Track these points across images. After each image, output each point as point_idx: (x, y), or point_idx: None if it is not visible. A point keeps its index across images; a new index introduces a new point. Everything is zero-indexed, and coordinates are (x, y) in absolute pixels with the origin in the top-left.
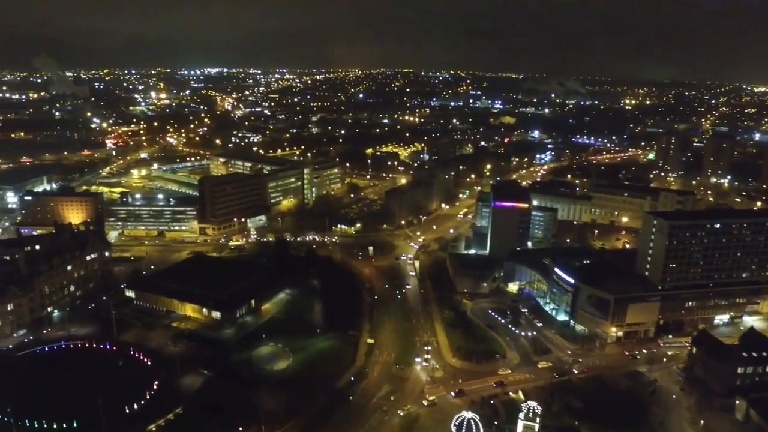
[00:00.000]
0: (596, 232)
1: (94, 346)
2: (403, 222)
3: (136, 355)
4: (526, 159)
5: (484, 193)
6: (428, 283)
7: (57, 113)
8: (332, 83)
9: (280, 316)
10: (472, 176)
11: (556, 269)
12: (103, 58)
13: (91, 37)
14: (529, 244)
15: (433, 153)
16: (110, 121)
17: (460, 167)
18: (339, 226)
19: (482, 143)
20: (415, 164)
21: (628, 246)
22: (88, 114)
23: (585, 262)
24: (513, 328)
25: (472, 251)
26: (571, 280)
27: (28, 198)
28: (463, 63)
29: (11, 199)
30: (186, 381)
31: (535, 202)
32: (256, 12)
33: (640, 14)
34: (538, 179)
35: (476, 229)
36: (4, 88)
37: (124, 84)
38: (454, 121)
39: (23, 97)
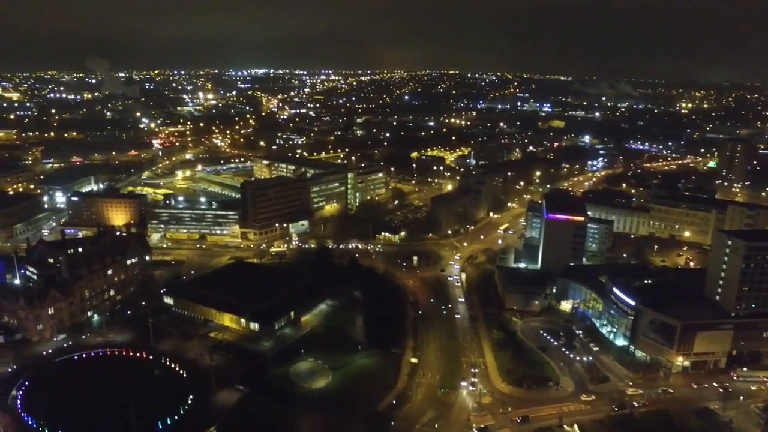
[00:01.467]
0: (656, 247)
1: (131, 354)
2: (449, 231)
3: (172, 366)
4: (577, 166)
5: (535, 203)
6: (475, 298)
7: (108, 113)
8: (377, 84)
9: (320, 329)
10: (521, 183)
11: (614, 289)
12: (155, 58)
13: (143, 39)
14: (583, 258)
15: (479, 158)
16: (158, 122)
17: (508, 173)
18: (383, 233)
19: (530, 148)
20: (461, 169)
21: (692, 264)
22: (138, 114)
23: (646, 281)
24: (567, 352)
25: (522, 265)
26: (632, 302)
27: (75, 198)
28: (510, 64)
29: (60, 199)
30: (221, 397)
31: (588, 213)
32: (303, 13)
33: (693, 12)
34: (591, 187)
35: (526, 241)
36: (62, 88)
37: (173, 84)
38: (501, 124)
39: (78, 97)
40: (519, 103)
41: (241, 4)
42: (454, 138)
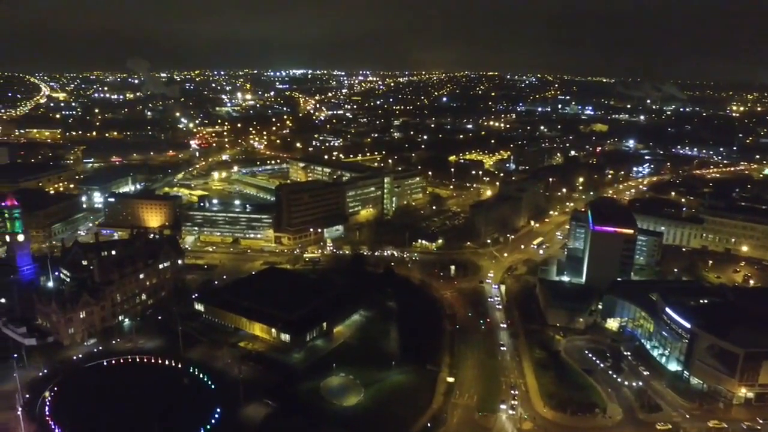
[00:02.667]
0: (710, 262)
1: (160, 361)
2: (488, 240)
3: (201, 376)
4: (621, 172)
5: (579, 212)
6: (515, 313)
7: (149, 113)
8: (415, 86)
9: (353, 342)
10: (563, 190)
11: (667, 309)
12: (196, 59)
13: (186, 40)
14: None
15: (519, 162)
16: (196, 122)
17: (550, 179)
18: (419, 241)
19: (572, 153)
20: (501, 174)
21: (751, 281)
22: (177, 114)
23: (702, 301)
24: (614, 375)
25: (565, 278)
26: (687, 325)
27: (111, 199)
28: (550, 66)
29: (98, 199)
30: (249, 411)
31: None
32: (342, 14)
33: (743, 11)
34: (636, 195)
35: (570, 252)
36: (105, 88)
37: (213, 84)
38: (542, 127)
39: (121, 97)
40: (560, 106)
41: (282, 6)
42: (493, 141)
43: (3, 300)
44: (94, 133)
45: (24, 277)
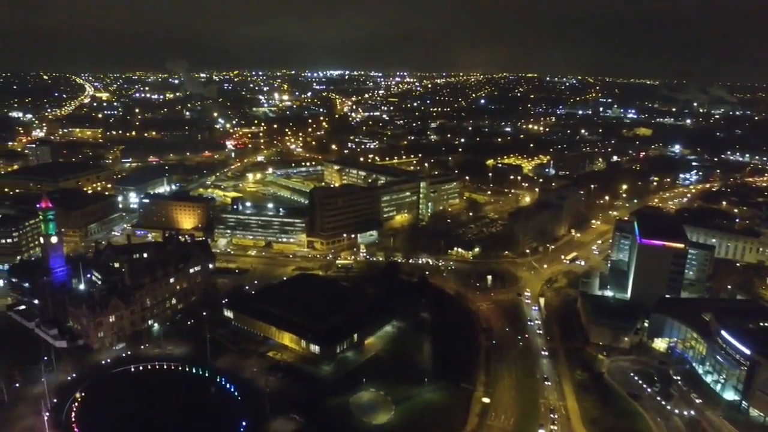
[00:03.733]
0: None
1: (187, 369)
2: (527, 250)
3: (227, 386)
4: (667, 179)
5: (623, 221)
6: (555, 329)
7: (187, 113)
8: (453, 87)
9: (385, 354)
10: (605, 197)
11: (722, 332)
12: (235, 60)
13: (224, 41)
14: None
15: (559, 167)
16: (233, 122)
17: (591, 186)
18: (455, 249)
19: (614, 158)
20: (540, 180)
21: None
22: (215, 114)
23: (763, 323)
24: (663, 402)
25: (609, 293)
26: (746, 350)
27: (146, 200)
28: (591, 68)
29: (133, 199)
30: (275, 426)
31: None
32: (381, 14)
33: None
34: (684, 204)
35: (613, 265)
36: (146, 88)
37: (251, 85)
38: (583, 131)
39: (161, 97)
40: (601, 109)
41: (321, 7)
42: (531, 145)
43: (36, 301)
44: (134, 133)
45: (57, 278)
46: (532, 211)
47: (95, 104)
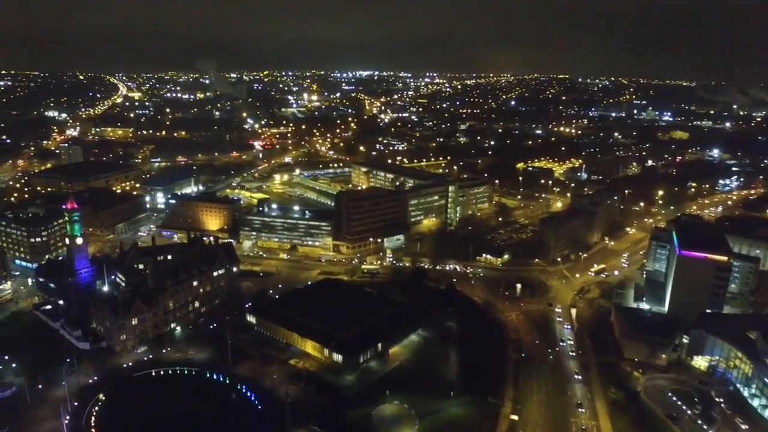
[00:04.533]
0: None
1: (208, 375)
2: (558, 258)
3: (248, 394)
4: (705, 185)
5: (660, 230)
6: (587, 342)
7: (216, 113)
8: (483, 89)
9: (409, 365)
10: (641, 204)
11: None
12: (265, 60)
13: (255, 42)
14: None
15: (592, 171)
16: (262, 122)
17: (625, 191)
18: (484, 255)
19: (649, 162)
20: (571, 184)
21: None
22: (243, 114)
23: None
24: (704, 426)
25: (645, 305)
26: None
27: (172, 201)
28: (625, 69)
29: (161, 199)
30: None
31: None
32: (410, 15)
33: None
34: (724, 212)
35: (649, 276)
36: (178, 88)
37: (281, 85)
38: (616, 134)
39: (192, 97)
40: (635, 111)
41: (350, 8)
42: (563, 148)
43: (61, 302)
44: (163, 133)
45: (81, 279)
46: (564, 218)
47: (127, 104)
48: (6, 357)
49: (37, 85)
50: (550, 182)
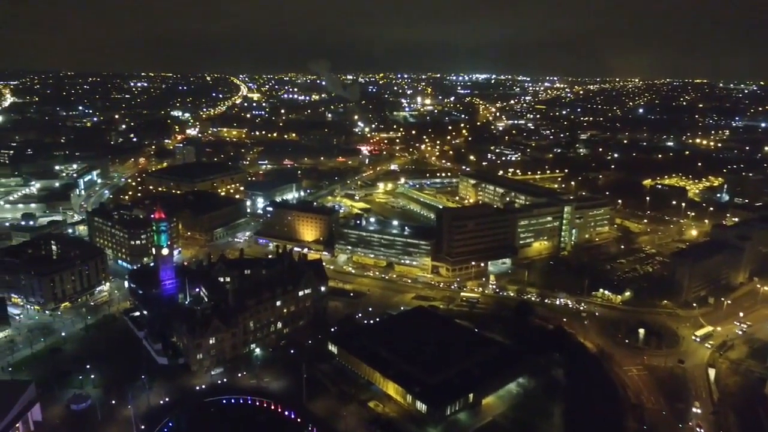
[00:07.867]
0: None
1: (279, 410)
2: (693, 302)
3: None
4: None
5: None
6: (732, 418)
7: (329, 115)
8: (607, 95)
9: (504, 421)
10: None
11: None
12: (381, 62)
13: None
14: None
15: (735, 192)
16: (372, 126)
17: None
18: (601, 290)
19: None
20: (710, 208)
21: None
22: (355, 117)
23: None
24: None
25: None
26: None
27: (269, 207)
28: None
29: (261, 204)
30: None
31: None
32: (528, 16)
33: None
34: None
35: None
36: (295, 89)
37: (395, 88)
38: (766, 148)
39: (307, 98)
40: None
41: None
42: (699, 163)
43: (145, 312)
44: (275, 134)
45: (166, 291)
46: (702, 252)
47: (245, 104)
48: (88, 366)
49: (168, 86)
50: (683, 204)
